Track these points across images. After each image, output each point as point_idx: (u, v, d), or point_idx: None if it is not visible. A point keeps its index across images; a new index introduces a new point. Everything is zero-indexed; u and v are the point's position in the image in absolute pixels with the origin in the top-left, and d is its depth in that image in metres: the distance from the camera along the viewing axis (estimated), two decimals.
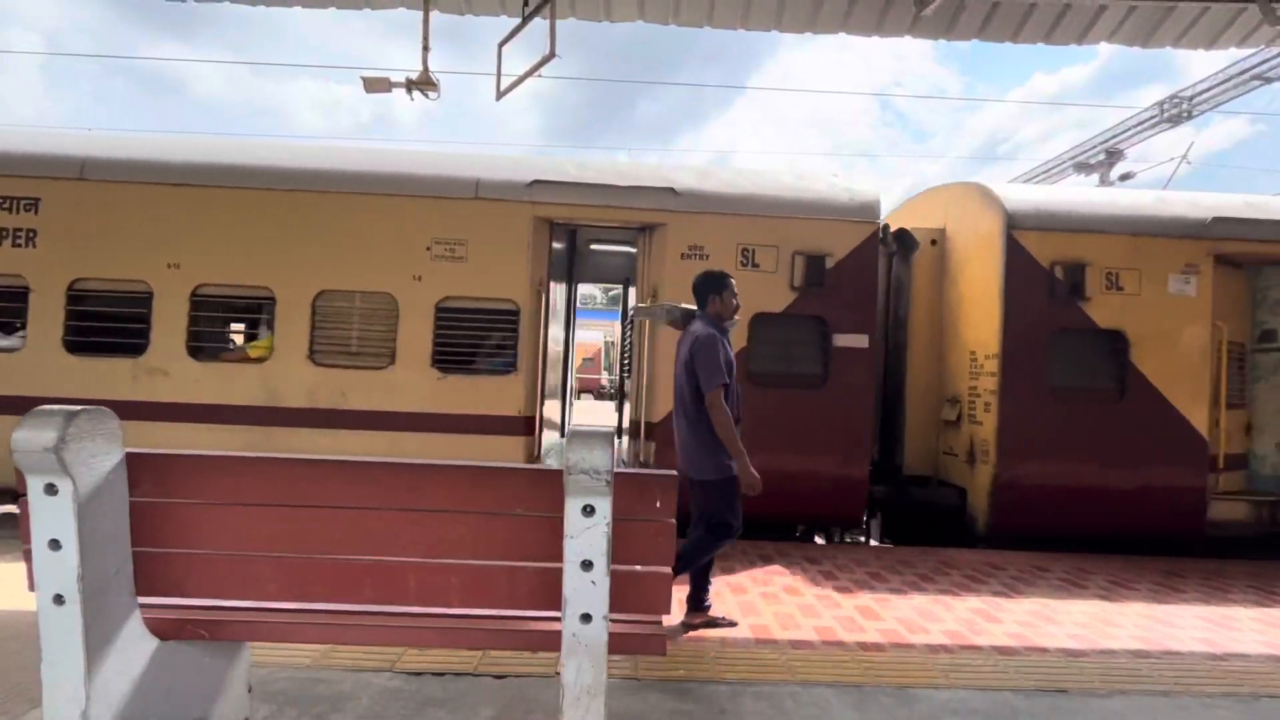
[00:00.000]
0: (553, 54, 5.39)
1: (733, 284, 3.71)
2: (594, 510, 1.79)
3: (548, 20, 5.28)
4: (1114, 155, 17.84)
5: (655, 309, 4.07)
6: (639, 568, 1.91)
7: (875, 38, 5.55)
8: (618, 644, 1.89)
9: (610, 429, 1.85)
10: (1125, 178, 17.62)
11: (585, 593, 1.80)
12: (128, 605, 1.88)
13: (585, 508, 1.79)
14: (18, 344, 5.39)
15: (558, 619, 1.84)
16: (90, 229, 5.45)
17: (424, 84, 5.72)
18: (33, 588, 1.75)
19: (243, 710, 2.32)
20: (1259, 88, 13.96)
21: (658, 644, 1.95)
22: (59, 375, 5.34)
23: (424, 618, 1.97)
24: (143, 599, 1.92)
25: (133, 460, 1.87)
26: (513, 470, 1.96)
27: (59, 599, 1.72)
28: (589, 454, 1.77)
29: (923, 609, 4.08)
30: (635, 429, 5.83)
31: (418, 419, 5.51)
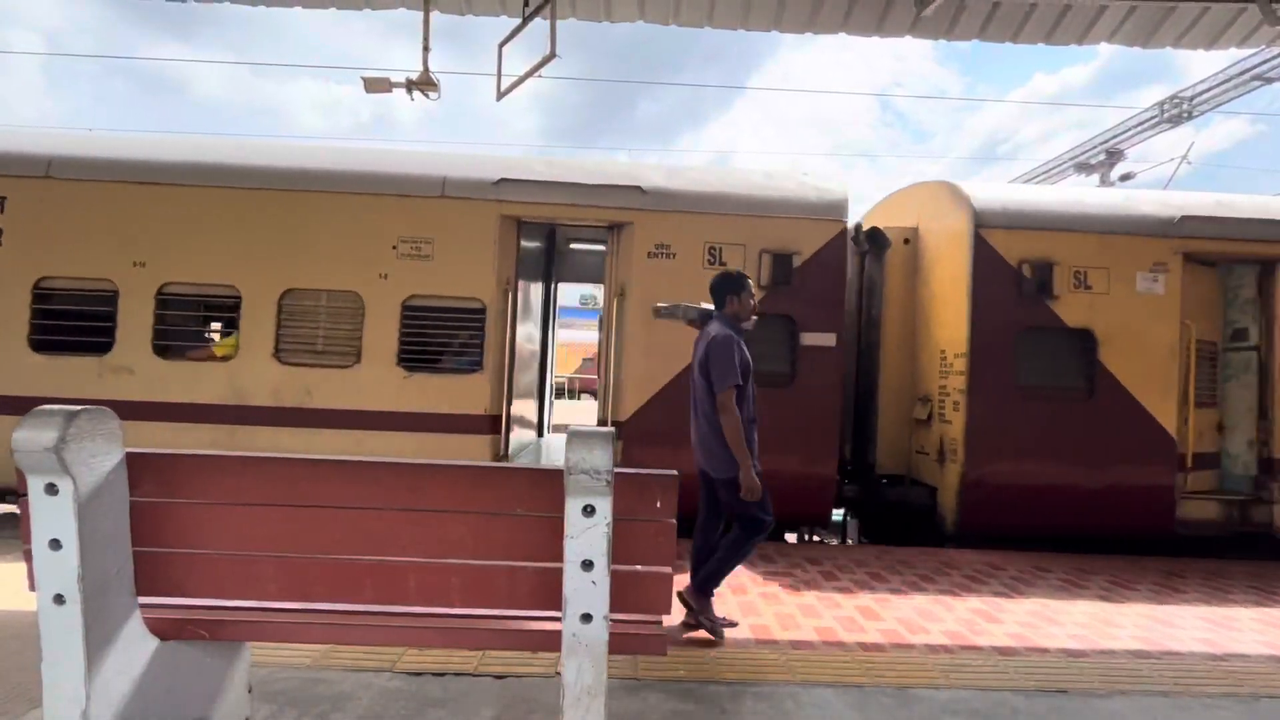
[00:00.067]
0: (553, 54, 5.39)
1: (750, 285, 3.70)
2: (594, 510, 1.79)
3: (548, 20, 5.29)
4: (1114, 155, 17.83)
5: (673, 309, 4.07)
6: (639, 568, 1.91)
7: (875, 38, 5.56)
8: (618, 644, 1.88)
9: (611, 430, 1.85)
10: (1126, 178, 17.60)
11: (585, 593, 1.80)
12: (128, 605, 1.88)
13: (585, 508, 1.79)
14: None
15: (558, 619, 1.84)
16: (56, 227, 5.44)
17: (424, 84, 5.73)
18: (33, 587, 1.75)
19: (243, 710, 2.32)
20: (1259, 88, 13.94)
21: (658, 644, 1.95)
22: (24, 374, 5.35)
23: (424, 618, 1.97)
24: (143, 599, 1.92)
25: (133, 460, 1.87)
26: (513, 470, 1.96)
27: (59, 599, 1.72)
28: (589, 454, 1.77)
29: (923, 609, 4.08)
30: (602, 427, 5.81)
31: (383, 417, 5.50)
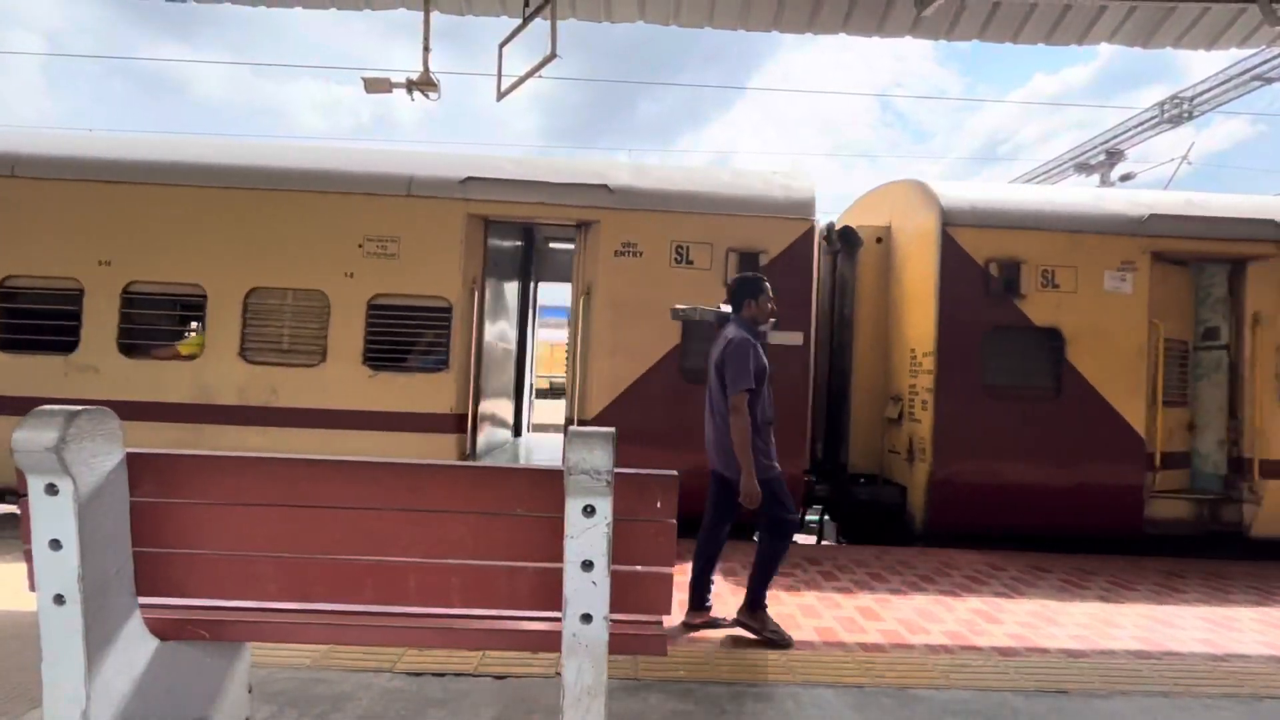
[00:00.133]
0: (553, 54, 5.40)
1: (769, 288, 3.68)
2: (594, 510, 1.79)
3: (548, 21, 5.29)
4: (1114, 156, 17.81)
5: (691, 311, 4.08)
6: (639, 568, 1.90)
7: (876, 38, 5.56)
8: (618, 644, 1.88)
9: (612, 430, 1.84)
10: (1126, 178, 17.59)
11: (586, 593, 1.80)
12: (128, 605, 1.88)
13: (586, 508, 1.79)
14: None
15: (558, 619, 1.84)
16: (21, 226, 5.45)
17: (424, 85, 5.72)
18: (33, 588, 1.75)
19: (243, 710, 2.32)
20: (1259, 88, 13.93)
21: (658, 644, 1.94)
22: None
23: (424, 618, 1.97)
24: (143, 599, 1.92)
25: (133, 460, 1.87)
26: (513, 470, 1.96)
27: (59, 599, 1.72)
28: (589, 454, 1.77)
29: (923, 609, 4.08)
30: (568, 426, 5.78)
31: (348, 416, 5.49)
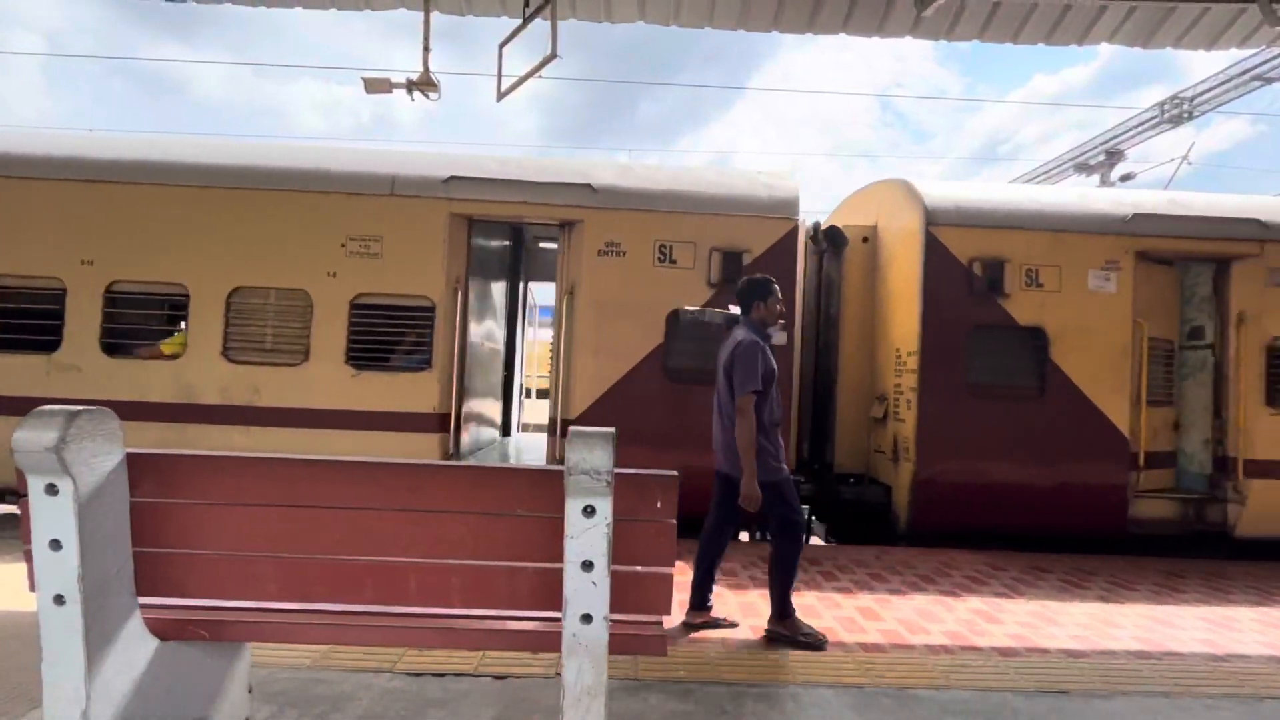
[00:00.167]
0: (554, 54, 5.40)
1: (777, 290, 3.70)
2: (594, 511, 1.79)
3: (549, 21, 5.29)
4: (1114, 156, 17.80)
5: (700, 313, 4.09)
6: (640, 568, 1.90)
7: (876, 39, 5.57)
8: (618, 644, 1.88)
9: (612, 430, 1.84)
10: (1126, 178, 17.58)
11: (586, 593, 1.80)
12: (128, 605, 1.88)
13: (586, 508, 1.79)
14: None
15: (558, 619, 1.84)
16: (3, 226, 5.46)
17: (424, 85, 5.73)
18: (33, 588, 1.75)
19: (243, 711, 2.32)
20: (1260, 88, 13.93)
21: (658, 644, 1.94)
22: None
23: (424, 618, 1.97)
24: (143, 599, 1.92)
25: (133, 460, 1.87)
26: (513, 471, 1.96)
27: (59, 599, 1.72)
28: (589, 454, 1.77)
29: (923, 610, 4.08)
30: (553, 426, 5.79)
31: (331, 416, 5.49)
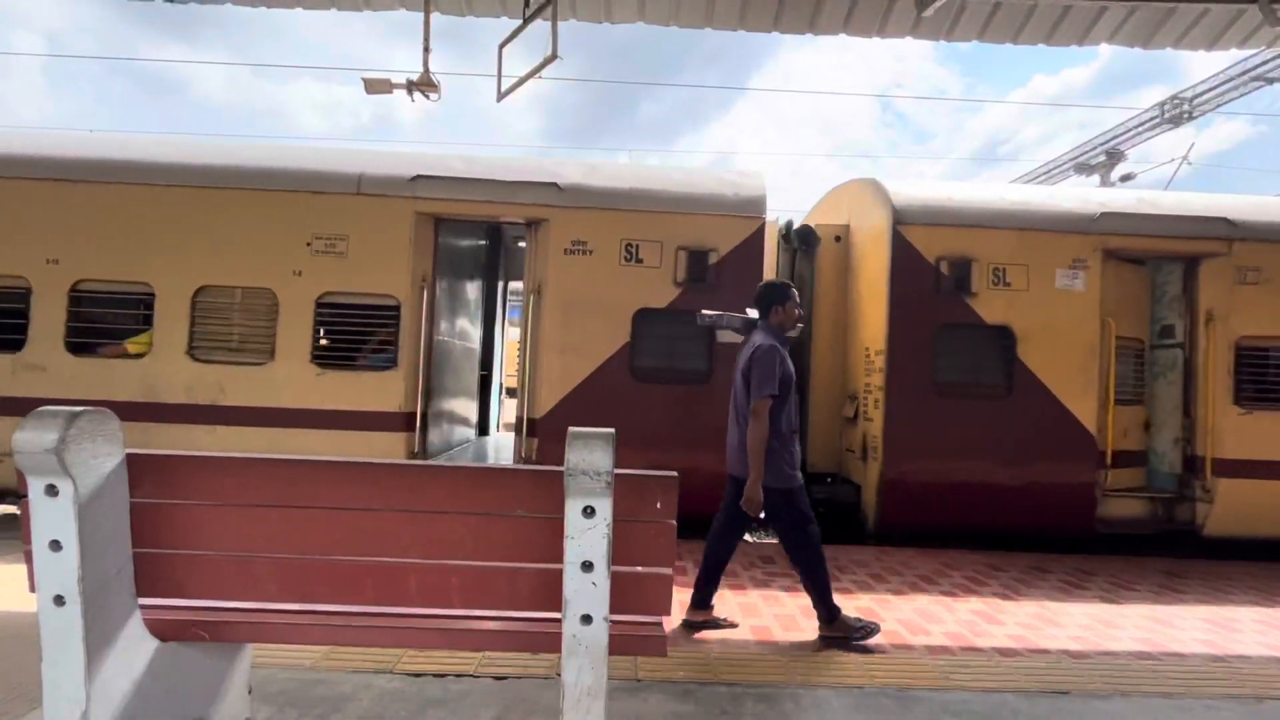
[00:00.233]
0: (554, 55, 5.40)
1: (795, 294, 3.70)
2: (594, 511, 1.79)
3: (549, 21, 5.29)
4: (1114, 156, 17.79)
5: (718, 318, 4.07)
6: (640, 569, 1.90)
7: (876, 39, 5.57)
8: (618, 645, 1.88)
9: (611, 431, 1.84)
10: (1126, 179, 17.58)
11: (586, 594, 1.80)
12: (128, 606, 1.88)
13: (586, 509, 1.79)
14: None
15: (558, 620, 1.84)
16: None
17: (425, 85, 5.73)
18: (33, 588, 1.75)
19: (243, 711, 2.32)
20: (1260, 88, 13.92)
21: (658, 645, 1.94)
22: None
23: (425, 618, 1.97)
24: (143, 600, 1.92)
25: (133, 461, 1.87)
26: (513, 471, 1.96)
27: (59, 600, 1.72)
28: (589, 455, 1.77)
29: (924, 610, 4.07)
30: (519, 425, 5.79)
31: (296, 415, 5.48)
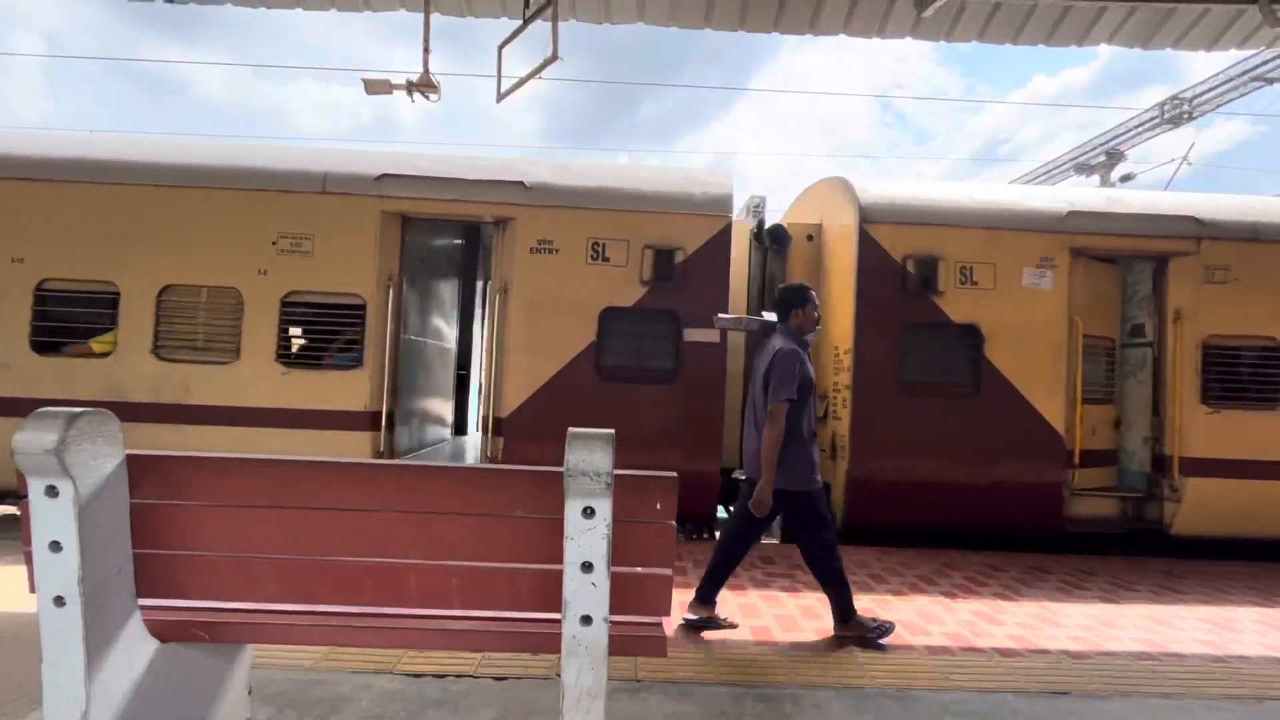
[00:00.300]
0: (554, 56, 5.40)
1: (815, 297, 3.70)
2: (594, 512, 1.79)
3: (549, 22, 5.29)
4: (1114, 156, 17.79)
5: (736, 320, 4.08)
6: (639, 569, 1.90)
7: (876, 39, 5.57)
8: (618, 645, 1.88)
9: (611, 432, 1.84)
10: (1126, 179, 17.58)
11: (585, 594, 1.80)
12: (128, 607, 1.88)
13: (585, 509, 1.79)
14: None
15: (558, 620, 1.84)
16: None
17: (425, 86, 5.73)
18: (33, 589, 1.75)
19: (243, 712, 2.31)
20: (1260, 89, 13.92)
21: (658, 646, 1.94)
22: None
23: (424, 619, 1.97)
24: (143, 600, 1.92)
25: (133, 462, 1.87)
26: (513, 472, 1.96)
27: (59, 600, 1.72)
28: (589, 455, 1.76)
29: (924, 611, 4.07)
30: (485, 424, 5.77)
31: (262, 414, 5.48)
